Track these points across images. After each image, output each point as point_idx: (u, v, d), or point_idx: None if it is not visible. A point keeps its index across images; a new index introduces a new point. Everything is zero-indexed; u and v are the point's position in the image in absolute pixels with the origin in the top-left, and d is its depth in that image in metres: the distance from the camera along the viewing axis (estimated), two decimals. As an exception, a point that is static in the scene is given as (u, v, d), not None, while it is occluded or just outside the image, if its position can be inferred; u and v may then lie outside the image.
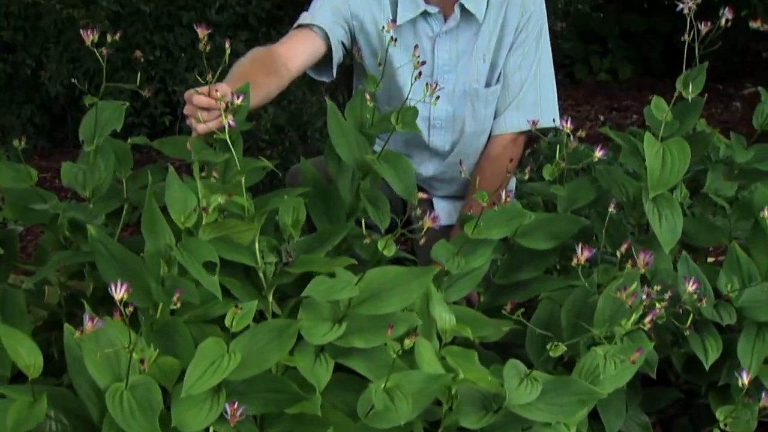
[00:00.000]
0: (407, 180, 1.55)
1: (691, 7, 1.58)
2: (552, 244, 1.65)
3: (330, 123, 1.58)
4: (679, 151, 1.63)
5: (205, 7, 3.34)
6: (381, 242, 1.29)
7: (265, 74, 1.72)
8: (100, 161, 1.52)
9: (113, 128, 1.54)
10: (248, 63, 1.75)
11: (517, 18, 1.94)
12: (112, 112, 1.56)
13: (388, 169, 1.54)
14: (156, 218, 1.29)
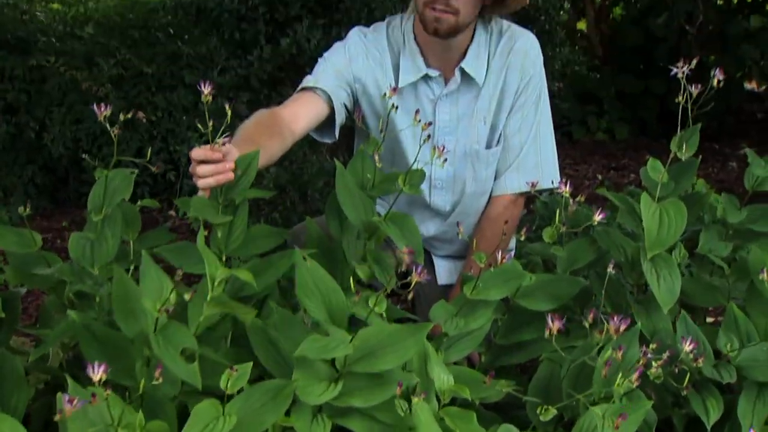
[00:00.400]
0: (414, 241, 1.54)
1: (684, 71, 1.61)
2: (552, 305, 1.64)
3: (338, 183, 1.58)
4: (675, 212, 1.64)
5: (207, 69, 3.40)
6: (371, 299, 1.29)
7: (269, 137, 1.73)
8: (108, 231, 1.52)
9: (122, 197, 1.53)
10: (252, 126, 1.76)
11: (517, 82, 1.98)
12: (121, 181, 1.55)
13: (395, 230, 1.54)
14: (131, 301, 1.27)
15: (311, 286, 1.33)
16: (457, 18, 1.84)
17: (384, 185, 1.65)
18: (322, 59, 2.00)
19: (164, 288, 1.26)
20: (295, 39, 3.10)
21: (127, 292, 1.29)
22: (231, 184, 1.47)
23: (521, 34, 2.00)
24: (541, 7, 3.90)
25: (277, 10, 3.18)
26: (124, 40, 4.28)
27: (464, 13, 1.84)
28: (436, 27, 1.85)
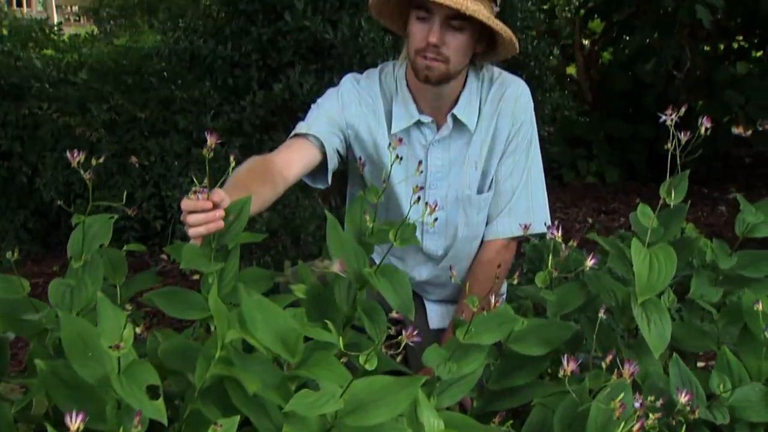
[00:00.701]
0: (403, 295, 1.54)
1: (673, 119, 1.63)
2: (544, 349, 1.65)
3: (329, 234, 1.58)
4: (665, 257, 1.65)
5: (200, 114, 3.42)
6: (362, 357, 1.28)
7: (261, 183, 1.75)
8: (88, 277, 1.51)
9: (101, 243, 1.53)
10: (245, 172, 1.77)
11: (508, 128, 2.00)
12: (101, 227, 1.55)
13: (384, 283, 1.54)
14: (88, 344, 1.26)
15: (258, 316, 1.32)
16: (447, 66, 1.87)
17: (381, 234, 1.65)
18: (315, 105, 2.02)
19: (122, 327, 1.24)
20: (287, 84, 3.12)
21: (81, 336, 1.27)
22: (222, 231, 1.48)
23: (512, 81, 2.03)
24: (531, 53, 3.94)
25: (270, 56, 3.21)
26: (118, 85, 4.32)
27: (454, 61, 1.87)
28: (427, 75, 1.87)
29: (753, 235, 1.85)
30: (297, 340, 1.31)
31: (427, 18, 1.84)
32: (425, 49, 1.85)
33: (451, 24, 1.82)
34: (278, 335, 1.32)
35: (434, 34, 1.82)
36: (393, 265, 1.56)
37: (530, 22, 4.05)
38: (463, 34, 1.84)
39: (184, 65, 3.37)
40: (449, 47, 1.84)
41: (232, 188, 1.64)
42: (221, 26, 3.30)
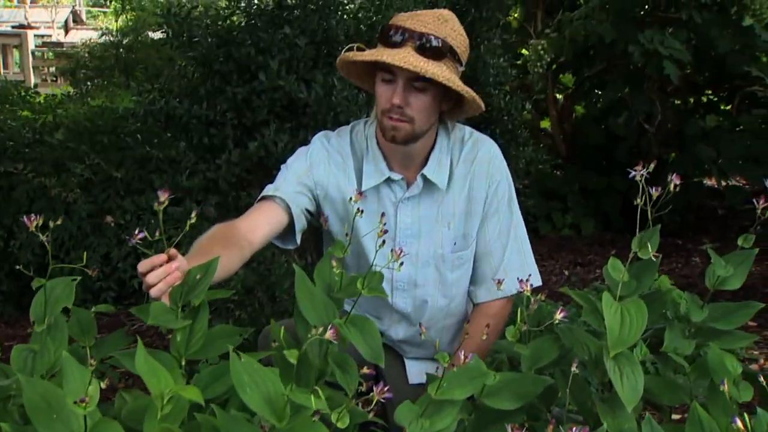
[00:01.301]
0: (373, 344, 1.55)
1: (643, 174, 1.66)
2: (517, 403, 1.64)
3: (297, 288, 1.59)
4: (636, 311, 1.66)
5: (176, 173, 3.43)
6: (334, 415, 1.28)
7: (223, 247, 1.76)
8: (51, 342, 1.50)
9: (64, 305, 1.53)
10: (206, 239, 1.80)
11: (485, 188, 2.02)
12: (63, 290, 1.55)
13: (354, 334, 1.55)
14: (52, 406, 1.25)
15: (246, 378, 1.32)
16: (413, 126, 1.90)
17: (350, 288, 1.66)
18: (284, 166, 2.04)
19: (88, 386, 1.24)
20: (262, 142, 3.14)
21: (44, 397, 1.26)
22: (189, 288, 1.49)
23: (483, 142, 2.06)
24: (504, 108, 4.00)
25: (245, 115, 3.24)
26: (93, 145, 4.33)
27: (419, 121, 1.90)
28: (394, 135, 1.91)
29: (723, 288, 1.87)
30: (285, 405, 1.31)
31: (391, 80, 1.88)
32: (390, 110, 1.88)
33: (414, 85, 1.86)
34: (266, 399, 1.32)
35: (398, 96, 1.86)
36: (363, 316, 1.57)
37: (503, 77, 4.12)
38: (427, 95, 1.88)
39: (159, 125, 3.39)
40: (413, 108, 1.88)
41: (192, 255, 1.69)
42: (196, 86, 3.33)
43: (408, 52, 1.83)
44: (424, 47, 1.83)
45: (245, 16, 3.38)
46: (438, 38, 1.85)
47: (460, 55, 1.91)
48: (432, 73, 1.80)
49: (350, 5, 3.57)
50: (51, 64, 11.40)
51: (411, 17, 1.90)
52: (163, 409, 1.25)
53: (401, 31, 1.86)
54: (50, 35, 14.64)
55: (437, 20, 1.89)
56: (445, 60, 1.86)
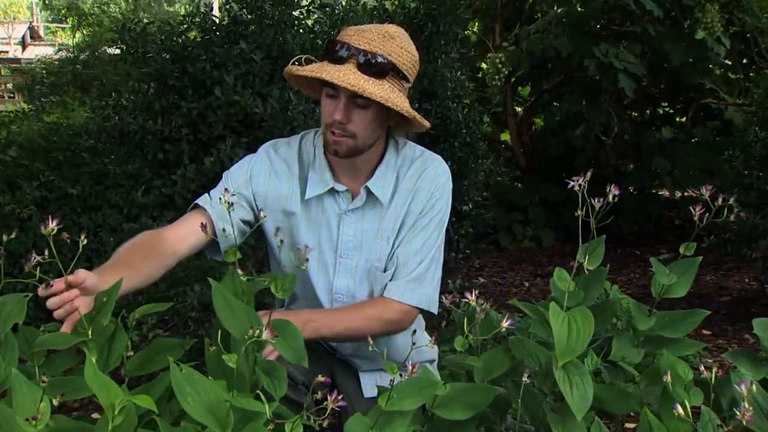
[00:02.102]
0: (295, 346, 1.52)
1: (581, 185, 1.69)
2: (469, 414, 1.65)
3: (215, 300, 1.55)
4: (583, 320, 1.67)
5: (132, 189, 3.40)
6: (288, 425, 1.28)
7: (145, 257, 1.78)
8: (1, 359, 1.48)
9: (15, 321, 1.52)
10: (129, 248, 1.81)
11: (423, 203, 2.01)
12: (14, 305, 1.54)
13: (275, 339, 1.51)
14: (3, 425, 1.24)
15: (187, 388, 1.32)
16: (355, 141, 1.90)
17: (254, 286, 1.65)
18: (226, 174, 2.05)
19: (38, 402, 1.24)
20: (218, 158, 3.13)
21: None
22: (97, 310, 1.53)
23: (433, 160, 2.06)
24: (463, 120, 4.03)
25: (201, 130, 3.23)
26: (49, 162, 4.28)
27: (362, 136, 1.90)
28: (336, 149, 1.91)
29: (669, 296, 1.90)
30: (227, 413, 1.32)
31: (335, 95, 1.88)
32: (332, 124, 1.89)
33: (357, 102, 1.86)
34: (208, 408, 1.32)
35: (339, 112, 1.86)
36: (283, 320, 1.54)
37: (461, 91, 4.16)
38: (369, 111, 1.88)
39: (114, 141, 3.36)
40: (355, 124, 1.88)
41: (111, 266, 1.71)
42: (151, 102, 3.31)
43: (350, 69, 1.84)
44: (367, 65, 1.84)
45: (200, 31, 3.37)
46: (381, 56, 1.86)
47: (406, 72, 1.92)
48: (370, 92, 1.80)
49: (306, 20, 3.57)
50: (7, 81, 11.25)
51: (357, 33, 1.90)
52: (114, 420, 1.25)
53: (345, 47, 1.87)
54: (7, 51, 14.49)
55: (382, 37, 1.89)
56: (388, 78, 1.87)
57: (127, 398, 1.27)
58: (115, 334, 1.59)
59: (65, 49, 6.64)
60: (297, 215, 2.01)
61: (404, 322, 2.04)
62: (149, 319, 3.55)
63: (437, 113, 3.93)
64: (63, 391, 1.40)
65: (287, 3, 3.41)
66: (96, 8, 7.88)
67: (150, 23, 3.41)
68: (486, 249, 5.86)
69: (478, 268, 5.50)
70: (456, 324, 3.30)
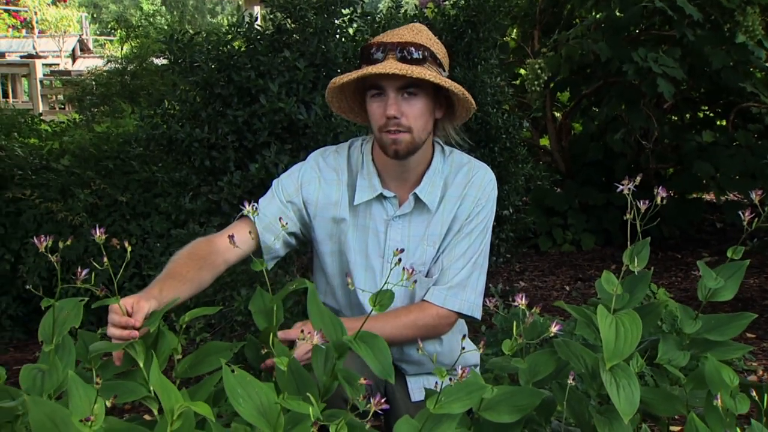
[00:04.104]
0: (384, 361, 1.57)
1: (630, 188, 1.70)
2: (516, 416, 1.66)
3: (309, 305, 1.62)
4: (630, 323, 1.69)
5: (179, 195, 3.48)
6: (333, 426, 1.31)
7: (199, 268, 1.85)
8: (59, 362, 1.53)
9: (72, 326, 1.57)
10: (184, 258, 1.88)
11: (469, 210, 2.05)
12: (71, 310, 1.59)
13: (365, 350, 1.57)
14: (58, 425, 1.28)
15: (239, 390, 1.36)
16: (412, 135, 1.94)
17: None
18: (276, 183, 2.11)
19: (93, 405, 1.27)
20: (263, 164, 3.19)
21: (50, 417, 1.29)
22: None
23: (480, 168, 2.10)
24: (502, 126, 4.05)
25: (246, 137, 3.29)
26: (99, 170, 4.39)
27: (417, 128, 1.94)
28: (396, 149, 1.94)
29: (716, 300, 1.90)
30: (278, 415, 1.34)
31: (381, 94, 1.92)
32: (386, 123, 1.92)
33: (405, 94, 1.91)
34: (259, 409, 1.35)
35: (392, 107, 1.90)
36: (373, 333, 1.59)
37: (500, 96, 4.18)
38: (419, 100, 1.92)
39: (162, 149, 3.43)
40: (408, 116, 1.92)
41: (165, 278, 1.78)
42: (198, 110, 3.38)
43: (391, 62, 1.89)
44: (405, 56, 1.89)
45: (245, 40, 3.43)
46: (416, 45, 1.90)
47: (441, 61, 1.96)
48: (418, 73, 1.85)
49: (348, 29, 3.63)
50: (58, 92, 11.54)
51: (387, 34, 1.96)
52: (173, 424, 1.28)
53: (381, 47, 1.92)
54: (58, 64, 14.80)
55: (411, 31, 1.95)
56: (427, 65, 1.91)
57: (186, 404, 1.30)
58: (161, 337, 1.64)
59: (114, 61, 6.79)
60: (346, 221, 2.06)
61: (441, 327, 2.06)
62: (196, 323, 3.62)
63: (477, 119, 3.96)
64: (115, 393, 1.45)
65: (329, 12, 3.46)
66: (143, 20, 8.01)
67: (197, 33, 3.48)
68: (526, 253, 5.85)
69: (519, 272, 5.51)
70: (497, 328, 3.31)
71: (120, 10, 16.72)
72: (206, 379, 1.64)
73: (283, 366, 1.57)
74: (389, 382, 2.14)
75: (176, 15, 10.69)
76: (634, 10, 5.33)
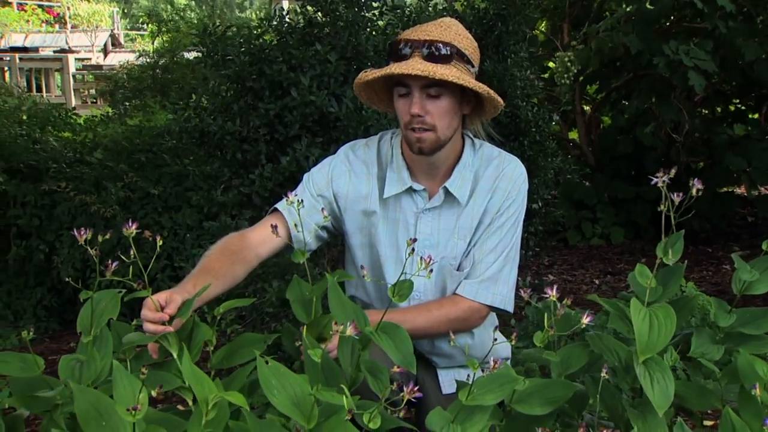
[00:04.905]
0: (405, 351, 1.57)
1: (664, 181, 1.69)
2: (548, 409, 1.66)
3: (331, 297, 1.63)
4: (665, 316, 1.68)
5: (211, 188, 3.51)
6: (366, 415, 1.32)
7: (231, 263, 1.88)
8: (97, 353, 1.56)
9: (110, 317, 1.59)
10: (217, 253, 1.91)
11: (500, 203, 2.04)
12: (108, 302, 1.61)
13: (386, 341, 1.57)
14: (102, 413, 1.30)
15: (273, 382, 1.37)
16: (436, 134, 1.94)
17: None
18: (307, 176, 2.12)
19: (137, 394, 1.29)
20: (295, 157, 3.21)
21: (95, 406, 1.31)
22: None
23: (510, 161, 2.09)
24: (532, 119, 4.05)
25: (277, 130, 3.31)
26: (132, 163, 4.44)
27: (441, 127, 1.94)
28: (420, 146, 1.95)
29: (750, 293, 1.88)
30: (312, 406, 1.36)
31: (407, 92, 1.92)
32: (411, 121, 1.92)
33: (430, 93, 1.90)
34: (293, 401, 1.36)
35: (415, 106, 1.90)
36: (394, 324, 1.59)
37: (530, 90, 4.17)
38: (443, 100, 1.92)
39: (194, 142, 3.47)
40: (433, 115, 1.92)
41: (199, 273, 1.81)
42: (229, 103, 3.41)
43: (416, 61, 1.88)
44: (431, 54, 1.89)
45: (277, 34, 3.46)
46: (442, 43, 1.90)
47: (469, 57, 1.95)
48: (441, 74, 1.84)
49: (379, 21, 3.63)
50: (91, 86, 11.70)
51: (415, 30, 1.96)
52: (208, 414, 1.30)
53: (407, 44, 1.92)
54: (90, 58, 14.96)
55: (440, 27, 1.94)
56: (453, 63, 1.90)
57: (220, 394, 1.31)
58: (195, 329, 1.67)
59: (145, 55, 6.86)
60: (377, 214, 2.06)
61: (473, 320, 2.07)
62: (228, 315, 3.66)
63: (507, 112, 3.95)
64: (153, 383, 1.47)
65: (360, 5, 3.48)
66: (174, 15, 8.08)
67: (229, 27, 3.51)
68: (555, 246, 5.83)
69: (548, 266, 5.49)
70: (528, 320, 3.31)
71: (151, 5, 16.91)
72: (240, 370, 1.66)
73: (317, 358, 1.59)
74: (420, 375, 2.16)
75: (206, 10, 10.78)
76: (665, 2, 5.28)
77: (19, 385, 1.65)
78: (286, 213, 2.03)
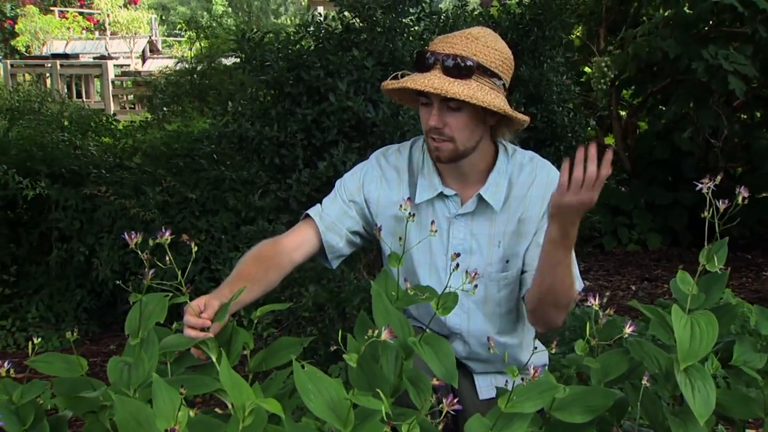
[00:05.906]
0: (447, 363, 1.57)
1: (710, 187, 1.67)
2: (588, 417, 1.65)
3: (375, 305, 1.63)
4: (707, 323, 1.66)
5: (248, 193, 3.54)
6: (405, 425, 1.32)
7: (266, 269, 1.91)
8: (145, 355, 1.57)
9: (157, 320, 1.60)
10: (250, 261, 1.94)
11: (539, 211, 2.03)
12: (156, 305, 1.62)
13: (429, 353, 1.56)
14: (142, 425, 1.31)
15: (310, 386, 1.37)
16: (455, 145, 1.93)
17: (406, 298, 1.71)
18: (339, 182, 2.14)
19: (177, 409, 1.29)
20: (332, 162, 3.23)
21: (134, 416, 1.32)
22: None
23: (543, 166, 2.08)
24: (568, 124, 4.03)
25: (315, 136, 3.33)
26: (170, 168, 4.50)
27: (460, 138, 1.93)
28: (438, 155, 1.96)
29: (793, 300, 1.87)
30: (348, 410, 1.36)
31: (428, 103, 1.93)
32: (430, 131, 1.93)
33: (449, 105, 1.89)
34: (329, 405, 1.37)
35: (434, 118, 1.90)
36: (437, 335, 1.59)
37: (566, 95, 4.16)
38: (463, 113, 1.90)
39: (232, 147, 3.50)
40: (451, 128, 1.91)
41: (233, 281, 1.84)
42: (267, 108, 3.44)
43: (435, 74, 1.87)
44: (451, 68, 1.87)
45: (314, 39, 3.48)
46: (463, 57, 1.88)
47: (495, 70, 1.92)
48: (454, 92, 1.83)
49: (415, 27, 3.64)
50: (129, 92, 11.86)
51: (441, 40, 1.94)
52: (245, 420, 1.31)
53: (431, 55, 1.91)
54: (128, 65, 15.17)
55: (466, 39, 1.92)
56: (474, 77, 1.88)
57: (257, 401, 1.32)
58: (234, 334, 1.70)
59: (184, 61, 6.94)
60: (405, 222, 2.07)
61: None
62: (264, 318, 3.69)
63: (543, 117, 3.95)
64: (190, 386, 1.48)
65: (397, 11, 3.49)
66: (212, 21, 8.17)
67: (267, 33, 3.54)
68: (591, 252, 5.79)
69: (584, 272, 5.45)
70: (564, 326, 3.29)
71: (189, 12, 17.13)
72: (277, 375, 1.68)
73: (353, 362, 1.60)
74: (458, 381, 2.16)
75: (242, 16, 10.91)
76: (704, 6, 5.23)
77: (62, 386, 1.68)
78: (318, 219, 2.05)
